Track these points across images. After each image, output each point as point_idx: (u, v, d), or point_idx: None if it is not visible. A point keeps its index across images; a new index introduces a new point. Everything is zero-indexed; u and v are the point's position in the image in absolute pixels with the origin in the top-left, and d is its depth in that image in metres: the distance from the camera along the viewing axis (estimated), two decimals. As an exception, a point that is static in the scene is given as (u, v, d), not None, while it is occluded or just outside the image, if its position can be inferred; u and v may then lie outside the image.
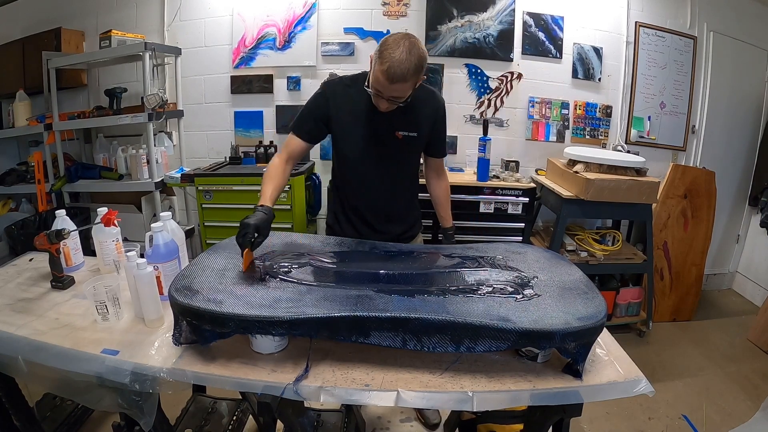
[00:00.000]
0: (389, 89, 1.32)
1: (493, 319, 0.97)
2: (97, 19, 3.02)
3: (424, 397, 0.96)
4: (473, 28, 2.92)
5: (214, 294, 1.03)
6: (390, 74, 1.27)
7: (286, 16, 2.93)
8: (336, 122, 1.51)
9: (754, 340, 2.83)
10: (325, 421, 1.73)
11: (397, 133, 1.51)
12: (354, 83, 1.50)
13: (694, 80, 3.15)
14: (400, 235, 1.67)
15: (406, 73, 1.27)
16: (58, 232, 1.35)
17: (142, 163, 2.80)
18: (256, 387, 0.98)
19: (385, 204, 1.62)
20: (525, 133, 3.10)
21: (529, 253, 1.39)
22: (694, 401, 2.25)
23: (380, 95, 1.35)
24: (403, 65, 1.26)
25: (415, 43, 1.29)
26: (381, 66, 1.27)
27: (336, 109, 1.50)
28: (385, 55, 1.27)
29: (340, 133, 1.54)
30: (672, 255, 3.06)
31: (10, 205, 3.13)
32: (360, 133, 1.51)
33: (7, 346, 1.10)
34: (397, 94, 1.34)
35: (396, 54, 1.25)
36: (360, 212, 1.62)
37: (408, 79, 1.29)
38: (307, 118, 1.53)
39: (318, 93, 1.53)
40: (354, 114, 1.49)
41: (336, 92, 1.50)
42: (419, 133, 1.54)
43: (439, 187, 1.74)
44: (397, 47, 1.26)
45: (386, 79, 1.28)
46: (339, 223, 1.68)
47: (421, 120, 1.53)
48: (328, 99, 1.50)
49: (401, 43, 1.27)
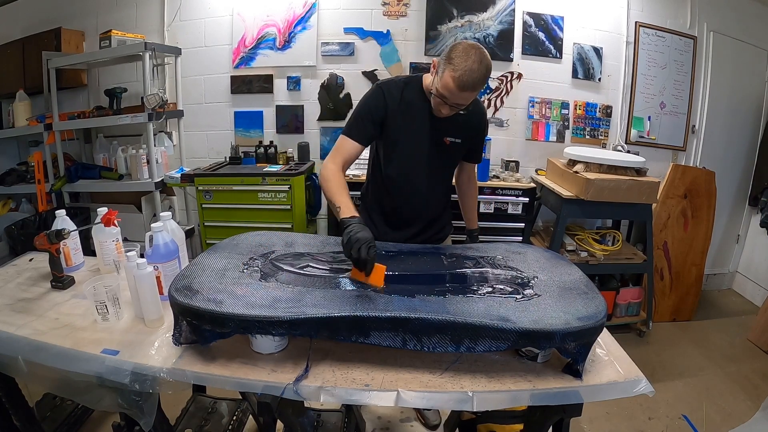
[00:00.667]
0: (457, 96, 1.33)
1: (493, 319, 0.97)
2: (97, 19, 3.02)
3: (424, 397, 0.96)
4: (473, 28, 2.92)
5: (214, 294, 1.03)
6: (461, 82, 1.28)
7: (286, 16, 2.93)
8: (390, 123, 1.50)
9: (754, 340, 2.83)
10: (325, 421, 1.73)
11: (446, 139, 1.53)
12: (407, 86, 1.50)
13: (694, 80, 3.15)
14: (433, 236, 1.70)
15: (476, 83, 1.30)
16: (58, 232, 1.35)
17: (142, 163, 2.80)
18: (256, 387, 0.98)
19: (426, 206, 1.63)
20: (525, 133, 3.10)
21: (529, 253, 1.39)
22: (694, 401, 2.25)
23: (445, 101, 1.36)
24: (475, 74, 1.28)
25: (484, 53, 1.30)
26: (453, 73, 1.28)
27: (392, 109, 1.49)
28: (457, 63, 1.28)
29: (392, 135, 1.52)
30: (672, 255, 3.06)
31: (10, 205, 3.13)
32: (411, 136, 1.51)
33: (7, 346, 1.10)
34: (463, 101, 1.36)
35: (468, 63, 1.27)
36: (400, 213, 1.63)
37: (477, 88, 1.32)
38: (364, 119, 1.49)
39: (374, 93, 1.50)
40: (407, 117, 1.50)
41: (392, 93, 1.49)
42: (464, 140, 1.56)
43: (470, 191, 1.78)
44: (468, 56, 1.27)
45: (457, 86, 1.29)
46: (374, 223, 1.67)
47: (467, 127, 1.55)
48: (385, 99, 1.48)
49: (472, 52, 1.28)
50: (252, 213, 2.66)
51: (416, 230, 1.66)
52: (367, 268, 1.13)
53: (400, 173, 1.57)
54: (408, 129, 1.51)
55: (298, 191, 2.62)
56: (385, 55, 2.96)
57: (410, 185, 1.58)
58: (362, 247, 1.12)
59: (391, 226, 1.65)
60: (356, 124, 1.51)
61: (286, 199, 2.61)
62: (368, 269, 1.13)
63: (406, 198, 1.60)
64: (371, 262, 1.13)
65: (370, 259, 1.13)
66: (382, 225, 1.66)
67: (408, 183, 1.58)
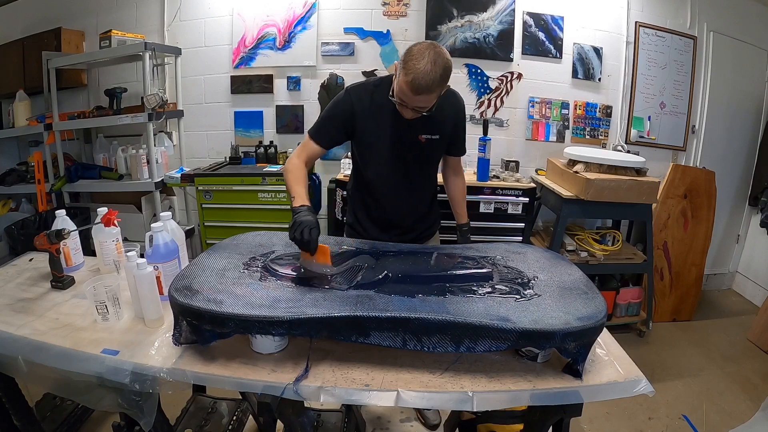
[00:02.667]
0: (414, 100, 1.32)
1: (493, 319, 0.97)
2: (97, 19, 3.02)
3: (424, 397, 0.96)
4: (473, 28, 2.92)
5: (214, 294, 1.03)
6: (414, 86, 1.27)
7: (286, 16, 2.93)
8: (361, 127, 1.51)
9: (754, 340, 2.83)
10: (325, 421, 1.73)
11: (420, 137, 1.52)
12: (377, 88, 1.50)
13: (694, 80, 3.15)
14: (421, 233, 1.70)
15: (431, 85, 1.27)
16: (58, 232, 1.35)
17: (142, 163, 2.80)
18: (256, 387, 0.98)
19: (410, 204, 1.64)
20: (525, 133, 3.10)
21: (529, 253, 1.39)
22: (694, 401, 2.25)
23: (405, 105, 1.36)
24: (428, 77, 1.25)
25: (440, 52, 1.28)
26: (405, 77, 1.27)
27: (361, 114, 1.49)
28: (409, 66, 1.26)
29: (365, 139, 1.53)
30: (672, 255, 3.06)
31: (10, 205, 3.14)
32: (385, 138, 1.51)
33: (7, 346, 1.10)
34: (421, 104, 1.34)
35: (420, 65, 1.25)
36: (385, 213, 1.64)
37: (433, 90, 1.29)
38: (328, 124, 1.52)
39: (342, 98, 1.51)
40: (378, 119, 1.49)
41: (361, 97, 1.49)
42: (442, 135, 1.55)
43: (457, 184, 1.76)
44: (421, 58, 1.25)
45: (411, 90, 1.28)
46: (361, 225, 1.68)
47: (444, 122, 1.54)
48: (353, 104, 1.49)
49: (426, 53, 1.26)
50: (252, 213, 2.66)
51: (403, 229, 1.66)
52: (311, 248, 1.17)
53: (378, 175, 1.58)
54: (381, 131, 1.50)
55: (298, 191, 2.62)
56: (385, 55, 2.96)
57: (390, 186, 1.58)
58: (305, 230, 1.17)
59: (378, 227, 1.66)
60: (320, 127, 1.53)
61: (286, 199, 2.61)
62: (312, 249, 1.18)
63: (388, 198, 1.60)
64: (314, 242, 1.17)
65: (312, 239, 1.17)
66: (369, 226, 1.67)
67: (387, 184, 1.58)
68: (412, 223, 1.68)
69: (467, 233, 1.76)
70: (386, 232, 1.64)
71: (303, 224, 1.18)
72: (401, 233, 1.65)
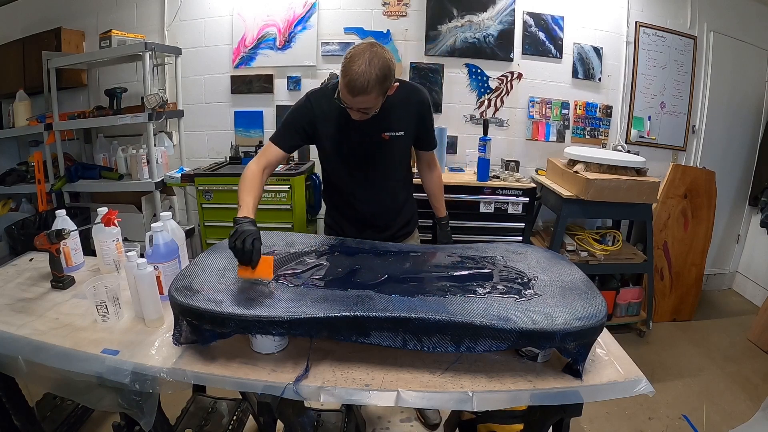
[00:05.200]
0: (353, 102, 1.30)
1: (493, 319, 0.97)
2: (97, 19, 3.02)
3: (424, 397, 0.96)
4: (473, 28, 2.92)
5: (214, 294, 1.03)
6: (351, 87, 1.25)
7: (286, 16, 2.93)
8: (322, 131, 1.50)
9: (754, 340, 2.83)
10: (325, 421, 1.73)
11: (384, 135, 1.50)
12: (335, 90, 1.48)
13: (694, 80, 3.14)
14: (398, 231, 1.69)
15: (367, 86, 1.24)
16: (58, 232, 1.35)
17: (142, 163, 2.80)
18: (256, 387, 0.98)
19: (381, 203, 1.63)
20: (525, 133, 3.10)
21: (529, 253, 1.39)
22: (694, 401, 2.25)
23: (349, 108, 1.35)
24: (363, 78, 1.23)
25: (376, 52, 1.25)
26: (343, 79, 1.26)
27: (321, 118, 1.49)
28: (346, 68, 1.25)
29: (327, 142, 1.53)
30: (672, 255, 3.06)
31: (10, 205, 3.14)
32: (347, 139, 1.50)
33: (7, 346, 1.10)
34: (362, 106, 1.32)
35: (355, 67, 1.23)
36: (357, 213, 1.63)
37: (370, 91, 1.26)
38: (289, 129, 1.51)
39: (301, 104, 1.51)
40: (339, 121, 1.48)
41: (320, 102, 1.48)
42: (406, 130, 1.53)
43: (431, 178, 1.75)
44: (357, 59, 1.24)
45: (348, 92, 1.27)
46: (338, 224, 1.69)
47: (406, 117, 1.52)
48: (312, 109, 1.48)
49: (362, 54, 1.24)
50: (252, 213, 2.65)
51: (378, 228, 1.65)
52: (253, 261, 1.09)
53: (345, 176, 1.58)
54: (342, 133, 1.49)
55: (298, 191, 2.62)
56: (385, 55, 2.96)
57: (358, 186, 1.58)
58: (246, 238, 1.08)
59: (354, 227, 1.65)
60: (281, 132, 1.52)
61: (286, 199, 2.61)
62: (254, 262, 1.09)
63: (358, 198, 1.60)
64: (257, 254, 1.09)
65: (255, 250, 1.08)
66: (345, 226, 1.67)
67: (355, 184, 1.58)
68: (386, 222, 1.67)
69: (446, 227, 1.75)
70: (362, 232, 1.63)
71: (245, 233, 1.10)
72: (377, 232, 1.64)
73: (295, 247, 1.37)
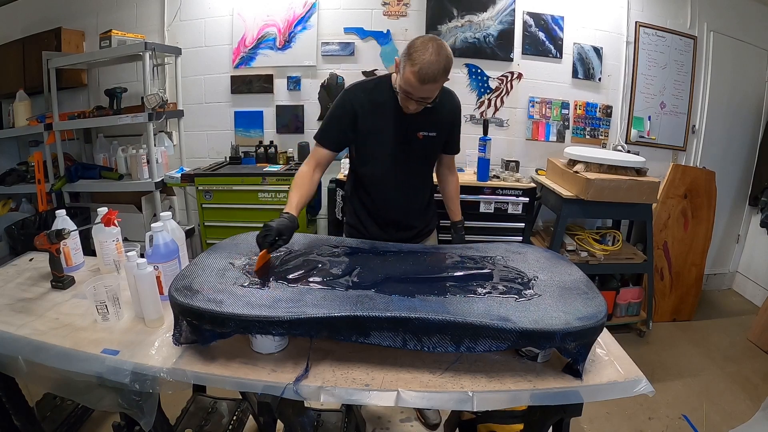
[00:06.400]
0: (420, 90, 1.34)
1: (493, 319, 0.97)
2: (97, 19, 3.02)
3: (424, 397, 0.96)
4: (473, 28, 2.92)
5: (214, 294, 1.03)
6: (421, 75, 1.30)
7: (286, 15, 2.93)
8: (361, 127, 1.52)
9: (754, 340, 2.83)
10: (325, 421, 1.73)
11: (419, 134, 1.54)
12: (376, 87, 1.52)
13: (694, 80, 3.15)
14: (421, 230, 1.72)
15: (437, 74, 1.31)
16: (58, 232, 1.35)
17: (142, 163, 2.80)
18: (256, 387, 0.98)
19: (408, 202, 1.65)
20: (525, 133, 3.10)
21: (529, 253, 1.39)
22: (694, 401, 2.25)
23: (410, 97, 1.37)
24: (433, 66, 1.29)
25: (442, 44, 1.32)
26: (412, 68, 1.30)
27: (361, 113, 1.50)
28: (415, 57, 1.29)
29: (365, 138, 1.54)
30: (672, 255, 3.06)
31: (11, 205, 3.13)
32: (384, 136, 1.52)
33: (7, 346, 1.10)
34: (426, 94, 1.37)
35: (426, 56, 1.28)
36: (384, 212, 1.65)
37: (438, 79, 1.33)
38: (332, 127, 1.54)
39: (341, 101, 1.52)
40: (377, 117, 1.51)
41: (359, 97, 1.51)
42: (439, 132, 1.57)
43: (451, 182, 1.79)
44: (426, 49, 1.29)
45: (417, 80, 1.31)
46: (362, 224, 1.69)
47: (441, 120, 1.56)
48: (353, 104, 1.50)
49: (430, 45, 1.30)
50: (252, 213, 2.66)
51: (401, 226, 1.67)
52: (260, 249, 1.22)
53: (376, 172, 1.59)
54: (379, 129, 1.52)
55: (298, 191, 2.62)
56: (385, 55, 2.96)
57: (388, 183, 1.59)
58: (260, 232, 1.23)
59: (377, 225, 1.67)
60: (325, 130, 1.55)
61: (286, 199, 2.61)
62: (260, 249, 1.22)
63: (386, 196, 1.62)
64: (261, 248, 1.22)
65: (261, 243, 1.22)
66: (369, 224, 1.68)
67: (385, 181, 1.59)
68: (410, 221, 1.69)
69: (461, 230, 1.78)
70: (385, 230, 1.65)
71: (264, 228, 1.24)
72: (399, 231, 1.66)
73: (295, 247, 1.37)
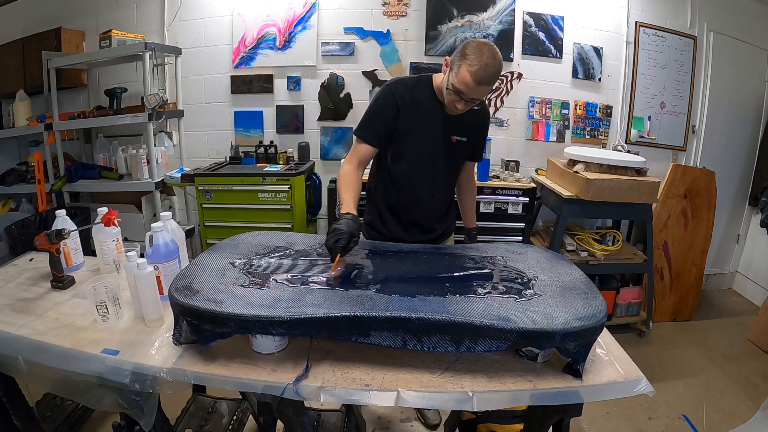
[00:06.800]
0: (474, 91, 1.35)
1: (493, 319, 0.97)
2: (97, 19, 3.02)
3: (424, 397, 0.96)
4: (473, 28, 2.92)
5: (214, 294, 1.03)
6: (478, 77, 1.32)
7: (286, 16, 2.94)
8: (401, 123, 1.51)
9: (754, 340, 2.83)
10: (325, 421, 1.73)
11: (452, 138, 1.54)
12: (417, 85, 1.52)
13: (694, 80, 3.15)
14: (443, 232, 1.72)
15: (492, 77, 1.34)
16: (59, 232, 1.35)
17: (142, 163, 2.80)
18: (256, 387, 0.98)
19: (436, 204, 1.65)
20: (525, 133, 3.10)
21: (529, 253, 1.39)
22: (694, 401, 2.25)
23: (461, 97, 1.38)
24: (490, 69, 1.32)
25: (496, 49, 1.35)
26: (470, 68, 1.32)
27: (403, 109, 1.50)
28: (472, 59, 1.31)
29: (403, 135, 1.53)
30: (672, 255, 3.06)
31: (11, 205, 3.13)
32: (420, 135, 1.52)
33: (7, 346, 1.10)
34: (478, 96, 1.38)
35: (483, 58, 1.31)
36: (410, 212, 1.64)
37: (492, 82, 1.36)
38: (375, 121, 1.52)
39: (385, 94, 1.51)
40: (417, 116, 1.51)
41: (402, 93, 1.50)
42: (469, 138, 1.58)
43: (470, 189, 1.80)
44: (482, 52, 1.32)
45: (474, 80, 1.32)
46: (385, 224, 1.67)
47: (472, 126, 1.57)
48: (395, 99, 1.49)
49: (485, 48, 1.32)
50: (252, 213, 2.66)
51: (424, 228, 1.66)
52: (331, 256, 1.23)
53: (408, 171, 1.57)
54: (418, 128, 1.52)
55: (298, 191, 2.63)
56: (385, 55, 2.96)
57: (418, 183, 1.58)
58: (331, 237, 1.22)
59: (400, 225, 1.65)
60: (367, 126, 1.53)
61: (286, 199, 2.62)
62: (332, 257, 1.22)
63: (416, 196, 1.60)
64: (334, 252, 1.22)
65: (333, 248, 1.22)
66: (392, 224, 1.66)
67: (416, 181, 1.58)
68: (433, 224, 1.68)
69: (475, 237, 1.79)
70: (408, 231, 1.64)
71: (334, 231, 1.23)
72: (421, 232, 1.65)
73: (295, 247, 1.37)
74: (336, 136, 3.08)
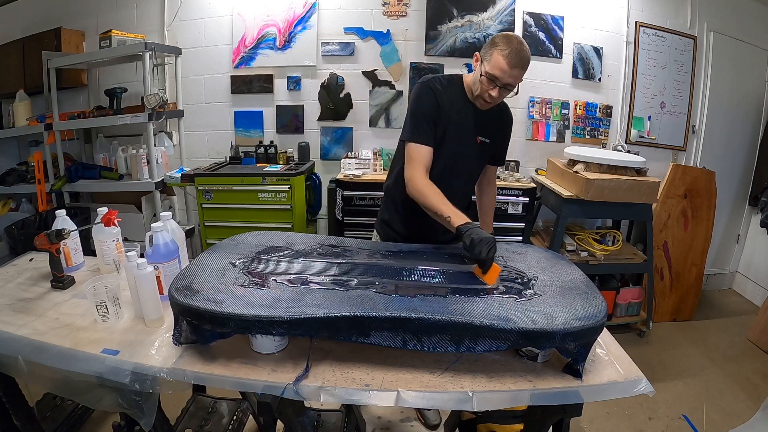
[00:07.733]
0: (507, 75, 1.37)
1: (493, 319, 0.97)
2: (97, 19, 3.02)
3: (424, 397, 0.96)
4: (473, 28, 2.92)
5: (214, 294, 1.03)
6: (512, 58, 1.35)
7: (286, 16, 2.94)
8: (440, 123, 1.49)
9: (754, 340, 2.83)
10: (325, 421, 1.73)
11: (478, 138, 1.54)
12: (449, 83, 1.52)
13: (694, 80, 3.15)
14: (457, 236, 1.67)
15: (525, 60, 1.37)
16: (59, 232, 1.35)
17: (142, 163, 2.80)
18: (256, 387, 0.98)
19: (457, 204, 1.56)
20: (525, 133, 3.10)
21: (529, 253, 1.39)
22: (694, 401, 2.25)
23: (495, 83, 1.39)
24: (523, 52, 1.36)
25: (522, 39, 1.39)
26: (503, 52, 1.35)
27: (443, 109, 1.49)
28: (503, 45, 1.36)
29: (439, 134, 1.50)
30: (672, 255, 3.06)
31: (11, 205, 3.13)
32: (450, 134, 1.51)
33: (7, 346, 1.10)
34: (512, 81, 1.39)
35: (514, 44, 1.35)
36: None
37: (525, 66, 1.39)
38: (424, 121, 1.47)
39: (426, 93, 1.48)
40: (452, 115, 1.50)
41: (440, 91, 1.49)
42: (492, 140, 1.57)
43: (489, 192, 1.79)
44: (511, 39, 1.36)
45: (508, 63, 1.35)
46: (404, 224, 1.64)
47: (496, 128, 1.58)
48: (436, 97, 1.48)
49: (513, 36, 1.38)
50: (252, 213, 2.66)
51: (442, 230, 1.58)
52: (485, 267, 1.19)
53: (440, 171, 1.53)
54: (453, 128, 1.50)
55: (298, 191, 2.63)
56: (385, 55, 2.96)
57: (448, 183, 1.52)
58: (484, 248, 1.18)
59: (420, 226, 1.60)
60: (422, 127, 1.47)
61: (286, 199, 2.62)
62: (486, 268, 1.19)
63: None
64: (489, 262, 1.19)
65: (489, 259, 1.18)
66: (412, 224, 1.63)
67: (445, 181, 1.52)
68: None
69: None
70: (426, 232, 1.60)
71: (483, 242, 1.19)
72: (439, 234, 1.58)
73: (295, 247, 1.37)
74: (336, 136, 3.08)
